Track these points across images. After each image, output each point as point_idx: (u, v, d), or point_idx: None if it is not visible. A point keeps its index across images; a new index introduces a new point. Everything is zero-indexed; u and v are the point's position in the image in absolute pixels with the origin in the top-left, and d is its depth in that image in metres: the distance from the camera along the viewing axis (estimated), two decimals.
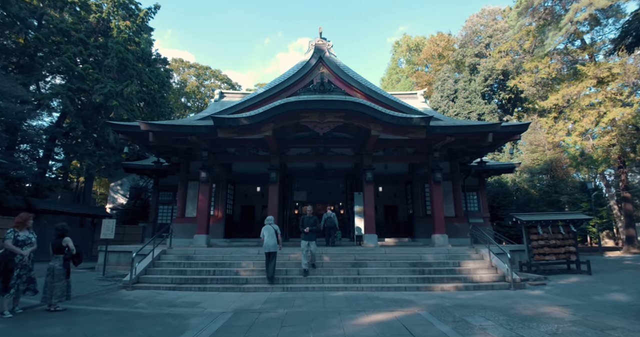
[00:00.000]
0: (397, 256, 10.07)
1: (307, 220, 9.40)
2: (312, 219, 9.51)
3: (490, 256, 9.89)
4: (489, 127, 11.49)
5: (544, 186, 22.14)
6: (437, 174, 12.60)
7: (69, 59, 16.89)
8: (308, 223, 9.29)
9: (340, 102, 10.48)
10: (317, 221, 9.37)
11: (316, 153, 13.56)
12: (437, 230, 12.35)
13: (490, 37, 29.58)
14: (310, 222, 9.36)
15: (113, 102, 16.36)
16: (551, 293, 8.33)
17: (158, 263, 9.85)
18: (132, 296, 7.92)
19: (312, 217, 9.62)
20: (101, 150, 17.34)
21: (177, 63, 39.36)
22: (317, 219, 9.57)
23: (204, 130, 11.13)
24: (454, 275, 9.14)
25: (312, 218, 9.52)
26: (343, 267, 9.31)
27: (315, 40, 16.99)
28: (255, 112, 10.59)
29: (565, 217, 11.79)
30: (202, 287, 8.42)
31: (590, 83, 19.40)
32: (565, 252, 11.74)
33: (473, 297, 7.67)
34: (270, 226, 9.01)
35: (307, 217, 9.50)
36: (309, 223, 9.29)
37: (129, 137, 12.97)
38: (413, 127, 10.99)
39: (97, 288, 9.00)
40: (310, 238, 9.15)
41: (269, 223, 9.14)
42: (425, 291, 8.29)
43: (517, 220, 11.68)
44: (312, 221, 9.40)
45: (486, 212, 18.43)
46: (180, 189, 14.94)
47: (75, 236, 17.49)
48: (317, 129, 11.03)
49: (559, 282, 10.10)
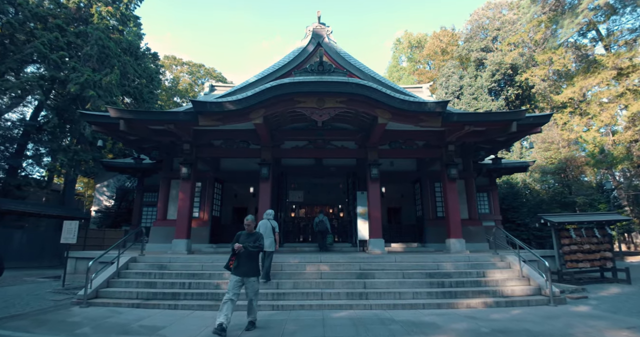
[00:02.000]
0: (410, 264, 8.49)
1: (244, 237, 5.45)
2: (254, 235, 5.52)
3: (521, 264, 8.33)
4: (514, 115, 9.98)
5: (558, 186, 20.60)
6: (452, 170, 11.06)
7: (43, 45, 15.33)
8: (245, 241, 5.37)
9: (342, 83, 8.95)
10: (261, 238, 5.50)
11: (314, 146, 11.99)
12: (453, 234, 10.77)
13: (497, 30, 28.20)
14: (250, 239, 5.40)
15: (90, 93, 14.79)
16: (601, 309, 6.80)
17: (125, 273, 8.25)
18: (81, 315, 6.31)
19: (252, 233, 5.56)
20: (77, 146, 15.73)
21: (169, 60, 37.89)
22: (260, 235, 5.58)
23: (182, 118, 9.57)
24: (480, 287, 7.57)
25: (253, 235, 5.53)
26: (346, 279, 7.71)
27: (313, 25, 15.52)
28: (243, 96, 9.05)
29: (601, 218, 10.27)
30: (173, 305, 6.81)
31: (609, 74, 18.00)
32: (600, 259, 10.21)
33: (511, 317, 6.10)
34: (268, 222, 7.81)
35: (244, 233, 5.54)
36: (247, 241, 5.37)
37: (102, 128, 11.34)
38: (426, 114, 9.46)
39: (46, 304, 7.41)
40: (248, 270, 5.24)
41: (268, 218, 7.93)
42: (448, 309, 6.72)
43: (545, 221, 10.13)
44: (252, 238, 5.42)
45: (498, 215, 16.92)
46: (162, 188, 13.34)
47: (49, 240, 15.99)
48: (315, 116, 9.48)
49: (599, 294, 8.60)
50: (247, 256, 5.24)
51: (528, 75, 22.57)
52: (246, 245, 5.23)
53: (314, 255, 9.10)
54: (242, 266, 5.22)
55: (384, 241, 10.87)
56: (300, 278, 7.78)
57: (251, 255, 5.31)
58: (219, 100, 9.16)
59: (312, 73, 9.33)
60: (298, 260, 8.60)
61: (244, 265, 5.23)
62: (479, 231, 13.66)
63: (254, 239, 5.42)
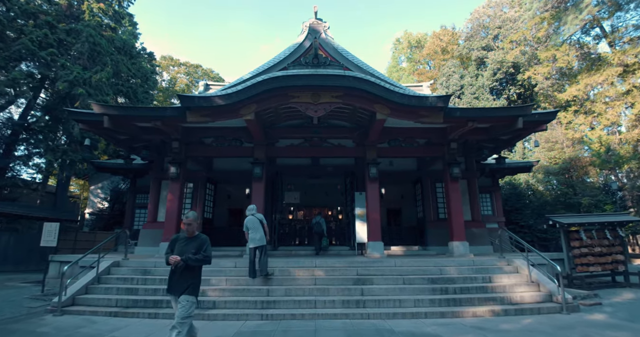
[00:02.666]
0: (411, 269, 7.95)
1: (181, 243, 3.99)
2: (196, 240, 3.98)
3: (529, 268, 7.80)
4: (520, 110, 9.45)
5: (563, 187, 20.03)
6: (454, 169, 10.52)
7: (31, 42, 14.86)
8: (183, 249, 3.91)
9: (338, 76, 8.44)
10: (206, 245, 3.94)
11: (310, 145, 11.46)
12: (456, 237, 10.22)
13: (499, 28, 27.72)
14: (190, 246, 3.92)
15: (79, 90, 14.29)
16: (618, 318, 6.27)
17: (105, 278, 7.73)
18: (53, 325, 5.79)
19: (194, 238, 4.01)
20: (66, 146, 15.20)
21: (166, 61, 37.45)
22: (205, 241, 3.98)
23: (169, 114, 9.05)
24: (486, 294, 7.04)
25: (194, 240, 3.99)
26: (342, 285, 7.17)
27: (310, 21, 15.09)
28: (233, 90, 8.54)
29: (613, 219, 9.73)
30: (154, 314, 6.28)
31: (615, 71, 17.49)
32: (612, 262, 9.66)
33: (522, 327, 5.57)
34: (253, 217, 7.48)
35: (182, 238, 4.06)
36: (186, 249, 3.90)
37: (89, 126, 10.79)
38: (428, 109, 8.94)
39: (20, 311, 6.91)
40: (180, 286, 3.85)
41: (251, 213, 7.59)
42: (452, 318, 6.18)
43: (554, 223, 9.59)
44: (193, 245, 3.92)
45: (501, 216, 16.34)
46: (152, 189, 12.79)
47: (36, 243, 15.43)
48: (310, 112, 8.96)
49: (613, 300, 8.07)
50: (185, 268, 3.82)
51: (531, 73, 22.07)
52: (186, 257, 3.76)
53: (309, 259, 8.56)
54: (175, 280, 3.85)
55: (383, 244, 10.32)
56: (292, 284, 7.24)
57: (190, 267, 3.84)
58: (207, 95, 8.65)
59: (306, 66, 8.84)
60: (291, 264, 8.07)
61: (178, 279, 3.84)
62: (482, 233, 13.10)
63: (196, 245, 3.87)
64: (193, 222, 4.03)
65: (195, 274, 3.95)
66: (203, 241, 4.00)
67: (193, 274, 3.91)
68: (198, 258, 3.82)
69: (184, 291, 3.80)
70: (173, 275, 3.89)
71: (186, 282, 3.85)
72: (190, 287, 3.84)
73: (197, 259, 3.82)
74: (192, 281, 3.89)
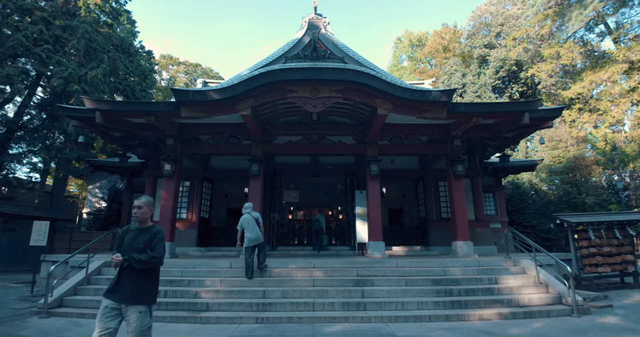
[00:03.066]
0: (414, 270, 7.63)
1: (131, 236, 3.06)
2: (148, 232, 3.05)
3: (537, 269, 7.48)
4: (527, 105, 9.13)
5: (567, 186, 19.67)
6: (458, 166, 10.19)
7: (26, 38, 14.57)
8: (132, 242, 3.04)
9: (338, 70, 8.13)
10: (158, 239, 2.98)
11: (309, 142, 11.14)
12: (460, 236, 9.89)
13: (501, 26, 27.36)
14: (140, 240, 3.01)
15: (74, 87, 13.99)
16: (632, 320, 5.98)
17: (95, 279, 7.42)
18: (36, 328, 5.49)
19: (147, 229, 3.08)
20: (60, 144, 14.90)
21: (165, 60, 37.19)
22: (158, 234, 3.02)
23: (163, 108, 8.75)
24: (493, 296, 6.72)
25: (146, 231, 3.05)
26: (342, 287, 6.85)
27: (309, 16, 14.80)
28: (229, 84, 8.24)
29: (623, 218, 9.40)
30: None
31: (620, 68, 17.16)
32: (621, 262, 9.33)
33: (532, 332, 5.24)
34: (249, 215, 7.31)
35: (132, 229, 3.12)
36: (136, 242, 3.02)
37: (82, 123, 10.49)
38: (431, 104, 8.63)
39: (5, 313, 6.63)
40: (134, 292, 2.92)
41: (248, 211, 7.42)
42: (458, 321, 5.85)
43: (562, 222, 9.27)
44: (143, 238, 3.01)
45: (504, 216, 15.99)
46: (148, 188, 12.51)
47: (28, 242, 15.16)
48: (309, 107, 8.64)
49: (624, 302, 7.76)
50: (134, 268, 2.92)
51: (534, 70, 21.72)
52: (129, 256, 2.88)
53: (308, 259, 8.25)
54: (124, 283, 2.92)
55: (384, 244, 10.00)
56: (290, 286, 6.93)
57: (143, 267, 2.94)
58: (202, 89, 8.36)
59: (305, 59, 8.55)
60: (289, 265, 7.76)
61: (127, 282, 2.91)
62: (486, 233, 12.83)
63: (144, 240, 2.97)
64: (144, 207, 3.07)
65: (148, 276, 2.99)
66: (154, 234, 3.02)
67: (145, 276, 2.97)
68: (142, 259, 2.87)
69: (139, 301, 2.87)
70: (119, 276, 2.97)
71: (137, 287, 2.90)
72: (144, 293, 2.92)
73: (140, 261, 2.87)
74: (146, 286, 2.95)
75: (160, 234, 3.04)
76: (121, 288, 2.91)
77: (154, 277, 3.07)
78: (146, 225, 3.09)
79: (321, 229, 11.71)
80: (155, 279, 3.09)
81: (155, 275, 3.08)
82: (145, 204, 3.10)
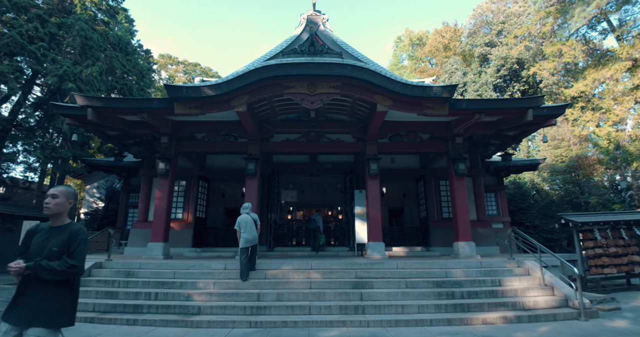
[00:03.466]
0: (414, 271, 7.37)
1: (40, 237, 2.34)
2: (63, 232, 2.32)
3: (542, 270, 7.23)
4: (531, 102, 8.89)
5: (569, 185, 19.41)
6: (459, 165, 9.93)
7: (20, 35, 14.36)
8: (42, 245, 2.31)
9: (336, 65, 7.89)
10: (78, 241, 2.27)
11: (307, 140, 10.90)
12: (462, 237, 9.63)
13: (502, 24, 27.11)
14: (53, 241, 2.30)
15: (69, 85, 13.77)
16: None
17: (85, 281, 7.15)
18: None
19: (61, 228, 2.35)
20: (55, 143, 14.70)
21: (164, 59, 36.98)
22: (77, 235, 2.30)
23: (156, 105, 8.54)
24: (496, 299, 6.46)
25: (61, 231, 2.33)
26: (340, 289, 6.60)
27: (308, 13, 14.58)
28: (224, 79, 8.01)
29: (630, 217, 9.14)
30: (132, 320, 5.72)
31: (624, 66, 16.91)
32: (627, 263, 9.06)
33: (538, 336, 4.99)
34: (248, 215, 7.18)
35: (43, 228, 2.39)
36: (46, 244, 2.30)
37: (75, 121, 10.28)
38: (432, 100, 8.39)
39: None
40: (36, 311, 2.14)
41: (247, 211, 7.27)
42: (460, 325, 5.60)
43: (567, 221, 9.01)
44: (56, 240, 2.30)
45: (506, 216, 15.77)
46: (143, 187, 12.29)
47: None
48: (306, 103, 8.40)
49: (632, 304, 7.50)
50: (41, 279, 2.17)
51: (536, 69, 21.47)
52: (35, 263, 2.15)
53: (305, 261, 8.00)
54: (25, 300, 2.18)
55: (384, 245, 9.76)
56: (286, 288, 6.68)
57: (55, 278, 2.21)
58: (196, 85, 8.13)
59: (302, 54, 8.30)
60: (286, 266, 7.51)
61: (31, 298, 2.18)
62: (488, 233, 12.55)
63: (60, 242, 2.27)
64: (60, 196, 2.35)
65: (62, 289, 2.23)
66: (74, 234, 2.30)
67: (58, 290, 2.21)
68: (54, 269, 2.13)
69: (32, 320, 2.11)
70: (20, 289, 2.20)
71: (41, 303, 2.15)
72: (47, 312, 2.14)
73: (52, 270, 2.13)
74: (52, 302, 2.18)
75: (82, 236, 2.31)
76: (20, 306, 2.14)
77: (72, 292, 2.29)
78: (62, 222, 2.35)
79: (318, 228, 11.57)
80: (74, 295, 2.31)
81: (74, 289, 2.31)
82: (62, 193, 2.36)
